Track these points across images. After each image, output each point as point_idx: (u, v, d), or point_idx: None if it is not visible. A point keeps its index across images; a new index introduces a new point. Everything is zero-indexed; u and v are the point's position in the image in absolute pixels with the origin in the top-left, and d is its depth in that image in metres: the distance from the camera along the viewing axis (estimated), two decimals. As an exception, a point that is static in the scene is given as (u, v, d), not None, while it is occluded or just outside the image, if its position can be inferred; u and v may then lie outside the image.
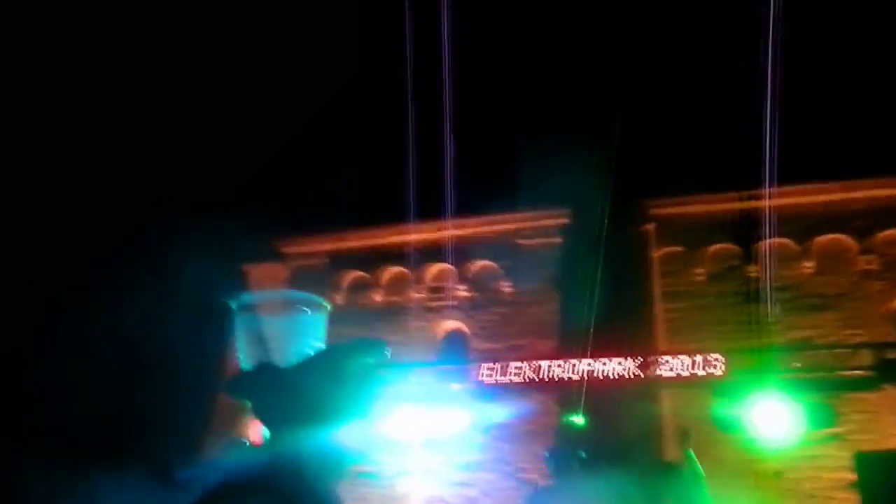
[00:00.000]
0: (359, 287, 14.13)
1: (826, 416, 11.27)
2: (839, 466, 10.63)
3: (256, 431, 1.61)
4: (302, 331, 1.25)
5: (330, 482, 1.56)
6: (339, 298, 14.08)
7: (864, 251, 12.25)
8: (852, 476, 10.23)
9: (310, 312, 1.30)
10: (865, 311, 11.85)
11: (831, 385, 11.24)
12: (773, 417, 10.74)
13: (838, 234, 12.46)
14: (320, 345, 1.29)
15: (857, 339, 11.47)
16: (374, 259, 14.12)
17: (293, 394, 1.55)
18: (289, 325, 1.22)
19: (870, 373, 11.08)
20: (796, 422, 11.13)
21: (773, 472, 10.63)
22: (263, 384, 1.61)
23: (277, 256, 14.38)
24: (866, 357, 11.18)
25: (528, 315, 13.04)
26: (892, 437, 10.69)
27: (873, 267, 12.17)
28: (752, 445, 10.56)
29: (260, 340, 1.15)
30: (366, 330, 13.17)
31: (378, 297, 14.00)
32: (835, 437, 11.10)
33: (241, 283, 13.48)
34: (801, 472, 11.05)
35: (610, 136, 11.49)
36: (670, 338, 12.05)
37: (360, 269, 14.16)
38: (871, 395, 11.12)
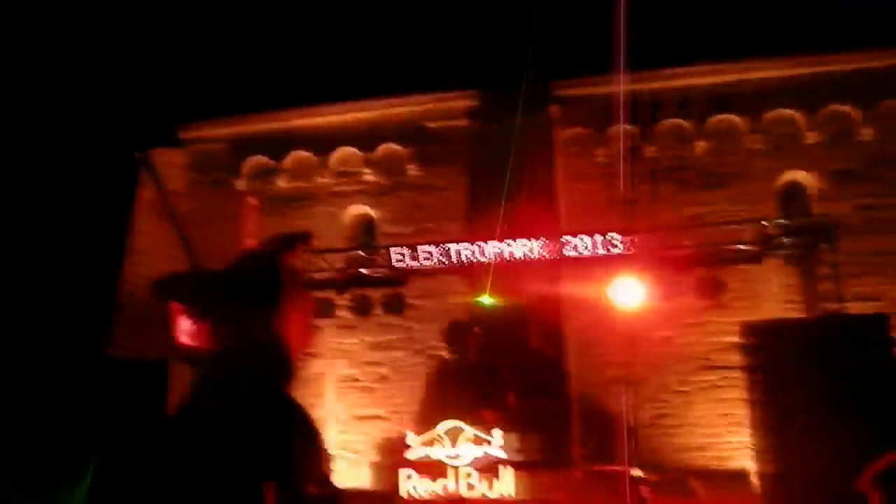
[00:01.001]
0: (262, 173, 13.75)
1: (713, 287, 12.22)
2: (724, 332, 11.60)
3: (185, 332, 1.64)
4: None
5: (279, 381, 1.58)
6: (242, 184, 13.71)
7: (753, 131, 12.85)
8: (736, 340, 11.22)
9: None
10: (751, 188, 12.59)
11: (719, 259, 12.13)
12: (665, 289, 11.61)
13: (729, 114, 12.97)
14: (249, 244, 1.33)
15: (743, 216, 12.26)
16: (278, 144, 13.68)
17: (227, 293, 1.58)
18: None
19: (753, 247, 12.02)
20: (686, 292, 12.10)
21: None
22: (196, 284, 1.63)
23: (176, 142, 13.71)
24: (750, 232, 12.05)
25: (437, 198, 13.15)
26: (771, 304, 11.73)
27: (759, 146, 12.82)
28: (644, 316, 11.36)
29: (187, 245, 1.17)
30: (273, 217, 12.99)
31: (283, 183, 13.70)
32: (720, 307, 12.07)
33: (137, 171, 12.86)
34: (689, 338, 12.03)
35: (521, 13, 11.34)
36: (574, 219, 12.48)
37: (264, 155, 13.72)
38: (753, 268, 12.06)
